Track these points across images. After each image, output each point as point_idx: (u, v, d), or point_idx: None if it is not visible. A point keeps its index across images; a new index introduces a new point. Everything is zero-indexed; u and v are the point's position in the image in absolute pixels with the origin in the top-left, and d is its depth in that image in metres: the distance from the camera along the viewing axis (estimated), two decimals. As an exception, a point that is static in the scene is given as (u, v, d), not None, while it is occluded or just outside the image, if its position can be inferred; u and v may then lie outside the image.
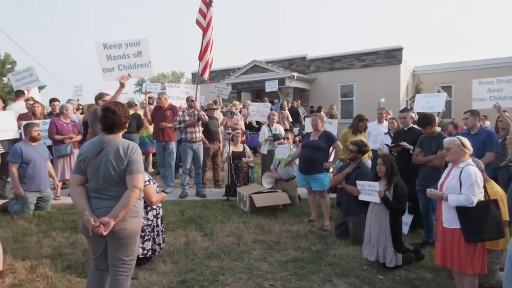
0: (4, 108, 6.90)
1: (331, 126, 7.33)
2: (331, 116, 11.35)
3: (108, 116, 2.54)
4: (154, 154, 9.44)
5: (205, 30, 6.76)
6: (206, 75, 7.01)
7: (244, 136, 8.90)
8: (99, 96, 5.53)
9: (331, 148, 5.46)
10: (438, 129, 4.79)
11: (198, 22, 6.76)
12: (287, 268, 3.78)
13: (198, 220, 5.30)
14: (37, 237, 4.48)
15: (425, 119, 4.58)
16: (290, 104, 13.19)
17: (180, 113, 6.98)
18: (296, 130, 11.30)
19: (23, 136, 5.78)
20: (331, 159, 5.48)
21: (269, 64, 17.83)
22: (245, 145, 7.52)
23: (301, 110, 13.67)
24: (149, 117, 7.51)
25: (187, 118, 6.83)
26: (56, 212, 5.58)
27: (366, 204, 4.06)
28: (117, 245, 2.49)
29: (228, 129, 8.15)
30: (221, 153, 8.23)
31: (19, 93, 8.24)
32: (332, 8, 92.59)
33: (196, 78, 7.48)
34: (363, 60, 16.81)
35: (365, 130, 5.86)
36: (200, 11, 6.74)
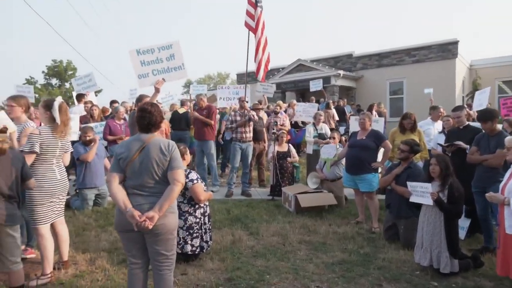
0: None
1: (377, 125, 7.02)
2: (379, 114, 10.96)
3: (145, 117, 2.63)
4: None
5: (254, 31, 6.82)
6: (260, 76, 7.09)
7: (289, 136, 8.86)
8: (139, 98, 5.79)
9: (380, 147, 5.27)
10: (499, 126, 4.44)
11: (246, 24, 6.84)
12: (334, 270, 3.71)
13: (243, 219, 5.37)
14: (95, 231, 4.81)
15: (487, 114, 4.26)
16: (336, 103, 12.93)
17: (232, 113, 7.18)
18: (342, 129, 11.05)
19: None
20: (379, 159, 5.29)
21: (314, 63, 17.60)
22: (290, 145, 7.50)
23: (347, 109, 13.34)
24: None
25: (238, 118, 7.00)
26: (111, 208, 5.93)
27: (418, 206, 3.87)
28: (158, 241, 2.58)
29: (273, 129, 8.18)
30: (266, 153, 8.27)
31: (79, 97, 8.89)
32: (379, 2, 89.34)
33: (245, 79, 7.59)
34: (414, 56, 16.01)
35: (413, 128, 5.54)
36: (248, 13, 6.82)
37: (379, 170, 5.46)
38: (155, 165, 2.54)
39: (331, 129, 8.41)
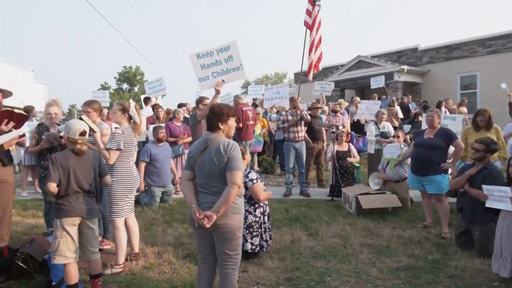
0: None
1: (454, 123, 6.35)
2: (449, 111, 10.16)
3: (211, 116, 2.73)
4: (259, 153, 9.88)
5: (310, 29, 6.74)
6: (310, 75, 7.01)
7: (349, 137, 8.61)
8: (199, 100, 5.99)
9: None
10: None
11: (305, 23, 6.77)
12: (399, 276, 3.53)
13: (302, 219, 5.33)
14: (162, 226, 5.09)
15: None
16: (399, 100, 12.26)
17: (283, 112, 7.15)
18: (407, 127, 10.43)
19: (150, 138, 6.64)
20: (450, 159, 4.91)
21: (375, 59, 16.88)
22: (350, 144, 7.28)
23: (412, 106, 12.58)
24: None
25: (290, 117, 6.95)
26: (176, 205, 6.25)
27: (496, 211, 3.52)
28: (222, 240, 2.64)
29: (332, 128, 8.00)
30: (325, 153, 8.12)
31: (146, 100, 9.51)
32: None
33: (299, 78, 7.54)
34: (489, 46, 14.57)
35: (488, 125, 5.03)
36: (307, 11, 6.75)
37: (450, 171, 5.07)
38: (214, 164, 2.60)
39: (395, 128, 8.00)
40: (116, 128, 3.92)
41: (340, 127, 7.91)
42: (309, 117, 7.09)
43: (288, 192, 6.99)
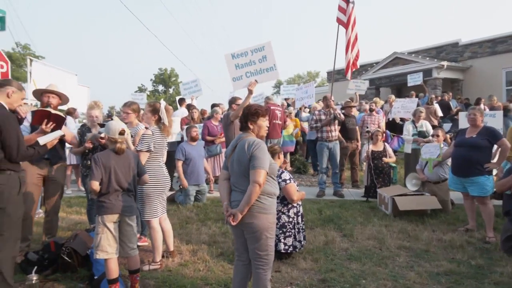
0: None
1: (494, 120, 6.07)
2: (492, 108, 9.60)
3: (242, 116, 2.80)
4: (292, 153, 9.83)
5: (345, 26, 6.64)
6: (349, 74, 6.90)
7: (384, 137, 8.37)
8: (232, 100, 6.04)
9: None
10: None
11: (338, 20, 6.68)
12: (440, 281, 3.38)
13: (336, 220, 5.24)
14: (196, 225, 5.20)
15: None
16: (439, 98, 11.74)
17: (316, 112, 7.06)
18: (447, 126, 9.97)
19: (185, 137, 6.79)
20: (495, 159, 4.65)
21: (413, 55, 16.28)
22: (386, 144, 7.07)
23: (453, 103, 12.00)
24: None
25: (323, 117, 6.85)
26: (210, 204, 6.35)
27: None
28: (251, 239, 2.66)
29: (367, 127, 7.81)
30: (359, 152, 7.94)
31: (181, 101, 9.74)
32: (492, -19, 78.33)
33: (332, 76, 7.42)
34: (537, 38, 13.67)
35: None
36: (340, 8, 6.65)
37: (494, 172, 4.80)
38: (239, 163, 2.64)
39: (433, 126, 7.67)
40: (146, 129, 3.99)
41: (374, 127, 7.70)
42: (342, 116, 6.96)
43: (321, 193, 6.90)
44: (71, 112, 7.42)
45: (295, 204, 4.01)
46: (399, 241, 4.40)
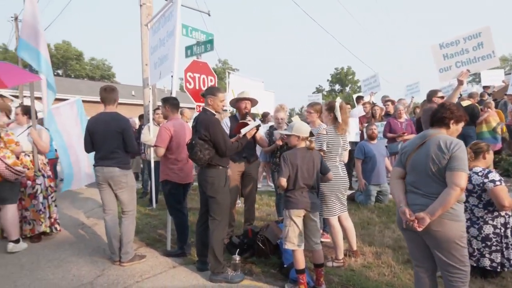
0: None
1: None
2: None
3: (437, 112, 2.55)
4: (496, 152, 8.17)
5: None
6: None
7: None
8: (432, 94, 5.41)
9: None
10: None
11: None
12: None
13: None
14: (378, 227, 4.98)
15: None
16: None
17: None
18: None
19: (365, 136, 6.62)
20: None
21: None
22: None
23: None
24: None
25: None
26: (393, 206, 5.96)
27: None
28: (438, 248, 2.37)
29: None
30: None
31: (358, 99, 9.57)
32: None
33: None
34: None
35: None
36: None
37: None
38: (431, 162, 2.37)
39: None
40: (323, 128, 4.05)
41: None
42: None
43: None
44: (265, 115, 8.30)
45: (502, 213, 3.31)
46: None
